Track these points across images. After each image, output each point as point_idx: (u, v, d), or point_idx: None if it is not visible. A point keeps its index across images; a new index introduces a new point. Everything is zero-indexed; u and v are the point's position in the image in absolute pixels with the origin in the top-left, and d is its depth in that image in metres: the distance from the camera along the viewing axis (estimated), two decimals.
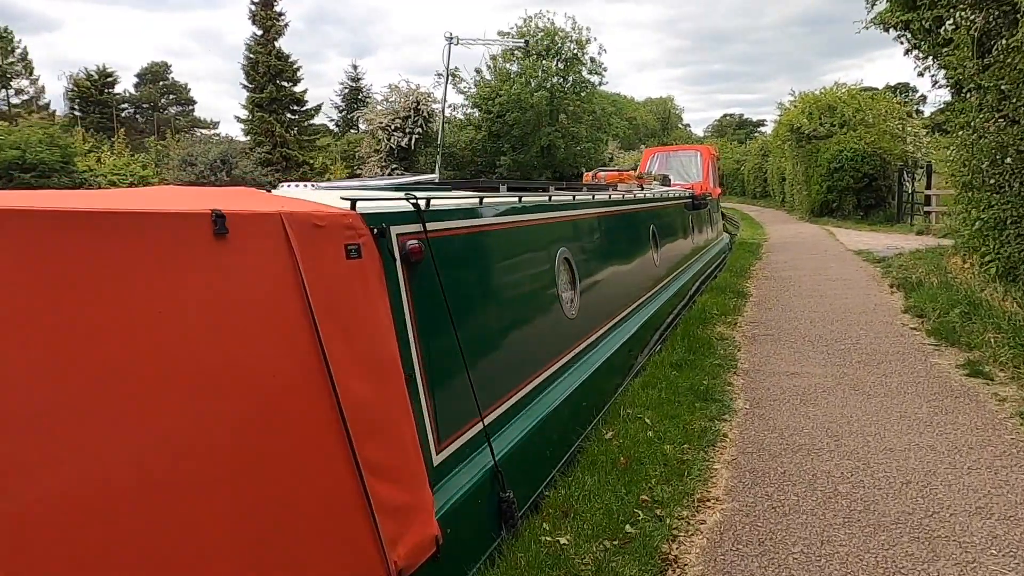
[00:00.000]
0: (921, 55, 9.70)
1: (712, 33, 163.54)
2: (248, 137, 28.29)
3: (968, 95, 7.75)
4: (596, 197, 6.43)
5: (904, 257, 11.45)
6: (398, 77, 66.88)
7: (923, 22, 9.01)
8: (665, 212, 9.20)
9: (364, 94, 61.65)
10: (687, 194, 11.67)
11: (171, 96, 78.42)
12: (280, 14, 28.88)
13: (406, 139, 40.55)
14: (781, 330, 7.33)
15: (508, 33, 42.77)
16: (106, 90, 72.43)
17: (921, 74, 10.28)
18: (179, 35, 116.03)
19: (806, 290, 9.70)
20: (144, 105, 75.85)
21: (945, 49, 8.74)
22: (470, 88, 43.40)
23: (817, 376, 5.59)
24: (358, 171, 42.59)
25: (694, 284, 9.90)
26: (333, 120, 63.34)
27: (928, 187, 19.21)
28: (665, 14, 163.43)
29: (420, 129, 41.34)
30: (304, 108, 30.64)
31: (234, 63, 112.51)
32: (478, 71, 44.05)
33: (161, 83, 77.11)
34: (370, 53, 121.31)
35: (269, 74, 28.21)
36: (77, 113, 64.70)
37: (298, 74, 29.98)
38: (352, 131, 59.54)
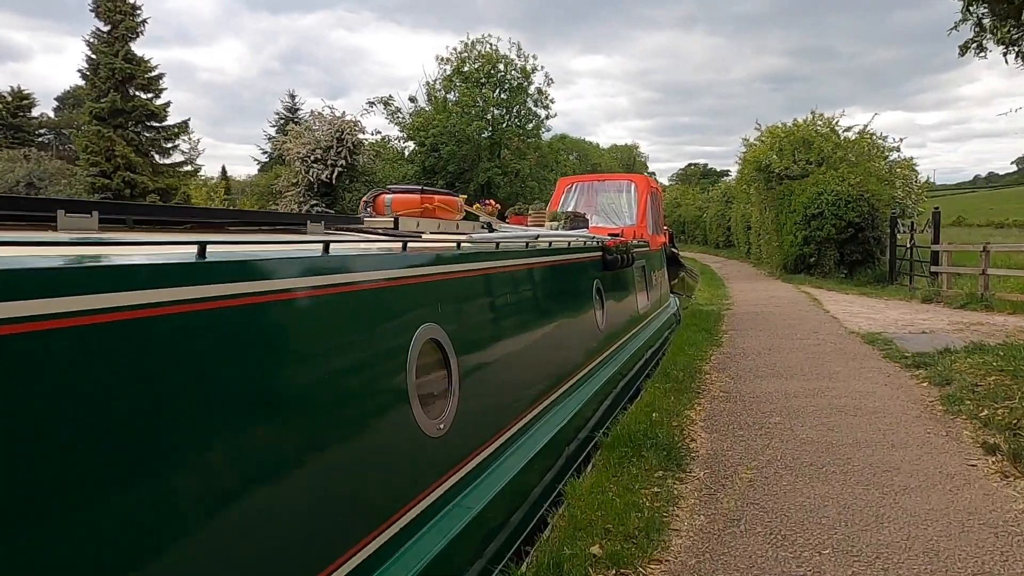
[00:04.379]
0: None
1: (681, 87, 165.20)
2: (83, 156, 22.79)
3: None
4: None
5: (961, 359, 6.64)
6: (322, 103, 61.10)
7: None
8: (512, 280, 4.23)
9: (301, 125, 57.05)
10: (595, 242, 6.78)
11: None
12: (135, 8, 23.58)
13: (327, 172, 35.69)
14: None
15: (448, 59, 38.61)
16: (20, 113, 67.06)
17: None
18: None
19: (807, 443, 4.76)
20: (65, 131, 69.73)
21: None
22: (405, 119, 38.92)
23: None
24: (274, 206, 37.71)
25: (581, 433, 4.85)
26: (267, 153, 58.50)
27: (935, 241, 14.84)
28: (635, 67, 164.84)
29: (344, 161, 36.52)
30: (164, 124, 25.15)
31: (205, 99, 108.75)
32: (412, 99, 39.68)
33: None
34: (344, 94, 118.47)
35: (113, 79, 22.80)
36: None
37: (160, 83, 24.59)
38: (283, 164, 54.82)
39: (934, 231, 15.00)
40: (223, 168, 66.15)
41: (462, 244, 3.56)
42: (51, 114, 73.25)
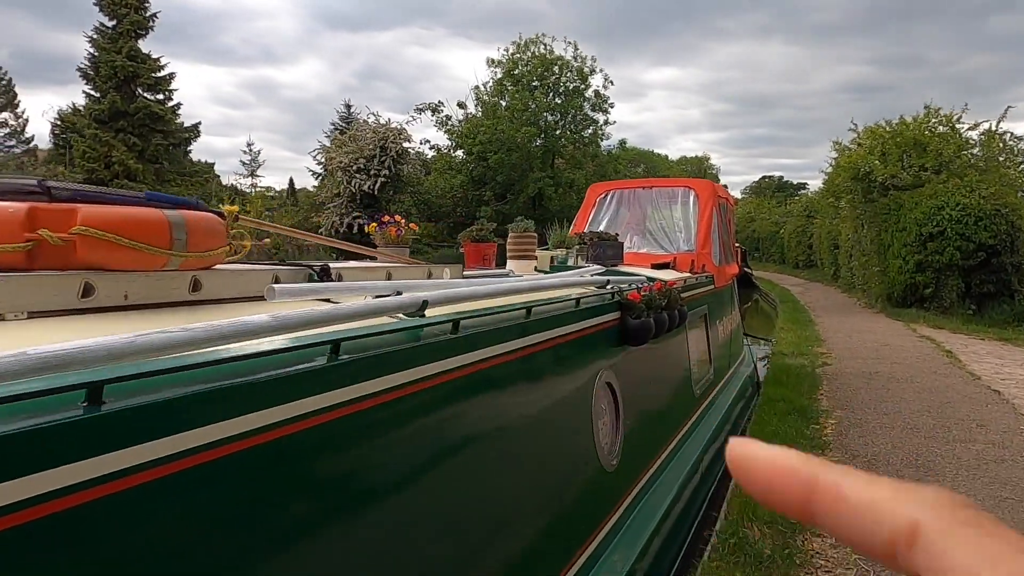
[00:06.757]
0: None
1: (756, 98, 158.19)
2: (79, 163, 21.22)
3: None
4: None
5: None
6: (366, 110, 59.60)
7: None
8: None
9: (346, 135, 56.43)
10: (609, 295, 3.69)
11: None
12: (143, 1, 21.90)
13: (369, 182, 33.83)
14: None
15: (499, 62, 36.02)
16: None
17: None
18: (235, 87, 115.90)
19: None
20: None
21: None
22: (455, 126, 36.51)
23: None
24: (314, 218, 36.44)
25: None
26: (321, 163, 57.90)
27: None
28: (709, 78, 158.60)
29: (388, 171, 34.58)
30: (171, 128, 23.34)
31: (288, 115, 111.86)
32: (461, 105, 37.15)
33: None
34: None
35: (116, 79, 21.12)
36: (59, 148, 61.99)
37: (170, 84, 22.78)
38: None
39: None
40: (291, 180, 66.55)
41: None
42: None
